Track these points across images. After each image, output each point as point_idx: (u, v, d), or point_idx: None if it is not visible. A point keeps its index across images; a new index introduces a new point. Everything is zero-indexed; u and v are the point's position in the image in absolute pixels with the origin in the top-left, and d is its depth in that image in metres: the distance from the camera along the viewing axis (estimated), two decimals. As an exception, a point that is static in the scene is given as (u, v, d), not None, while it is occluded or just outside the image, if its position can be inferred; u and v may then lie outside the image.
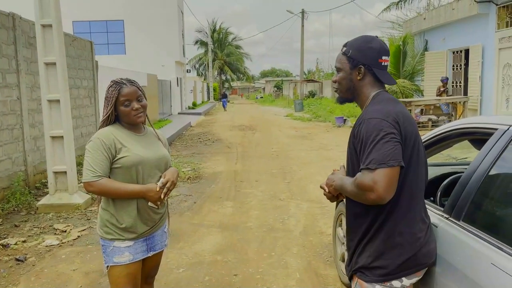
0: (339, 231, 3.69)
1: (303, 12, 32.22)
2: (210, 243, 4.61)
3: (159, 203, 2.25)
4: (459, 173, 2.78)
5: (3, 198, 6.00)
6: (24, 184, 6.60)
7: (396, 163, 1.63)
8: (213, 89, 49.99)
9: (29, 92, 7.01)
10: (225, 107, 32.78)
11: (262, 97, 57.35)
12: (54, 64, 5.79)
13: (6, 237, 4.77)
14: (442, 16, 14.13)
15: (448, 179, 2.69)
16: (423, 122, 11.65)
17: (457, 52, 13.99)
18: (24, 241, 4.67)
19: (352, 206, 1.88)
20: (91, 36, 20.80)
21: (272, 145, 12.21)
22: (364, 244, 1.83)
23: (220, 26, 56.18)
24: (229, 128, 17.62)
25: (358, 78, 1.89)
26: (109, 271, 2.28)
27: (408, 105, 11.13)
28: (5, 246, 4.50)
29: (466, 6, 12.40)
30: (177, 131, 14.89)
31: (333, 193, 1.98)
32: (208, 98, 48.89)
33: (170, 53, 25.75)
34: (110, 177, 2.21)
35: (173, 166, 2.46)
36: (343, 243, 3.52)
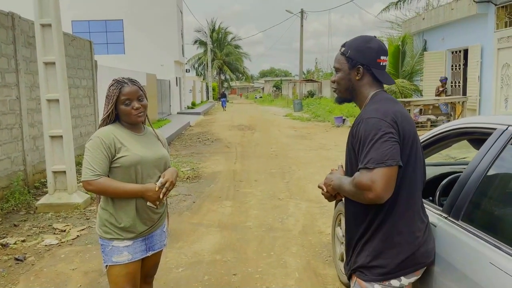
0: (338, 230, 3.69)
1: (302, 12, 32.25)
2: (209, 243, 4.61)
3: (158, 203, 2.26)
4: (458, 172, 2.78)
5: (2, 198, 6.00)
6: (23, 184, 6.60)
7: (394, 162, 1.64)
8: (212, 89, 50.02)
9: (28, 91, 7.01)
10: (224, 106, 32.82)
11: (261, 97, 57.33)
12: (53, 63, 5.79)
13: (5, 237, 4.77)
14: (441, 16, 14.14)
15: (447, 178, 2.70)
16: (422, 122, 11.67)
17: (456, 52, 14.01)
18: (23, 241, 4.67)
19: (351, 205, 1.89)
20: (90, 36, 20.82)
21: (271, 144, 12.22)
22: (363, 244, 1.84)
23: (219, 25, 56.22)
24: (228, 128, 17.62)
25: (357, 78, 1.89)
26: (108, 271, 2.28)
27: (407, 105, 11.14)
28: (4, 246, 4.50)
29: (465, 6, 12.41)
30: (176, 130, 14.88)
31: (331, 192, 1.98)
32: (207, 97, 48.89)
33: (169, 52, 25.73)
34: (109, 176, 2.21)
35: (172, 166, 2.46)
36: (342, 243, 3.52)
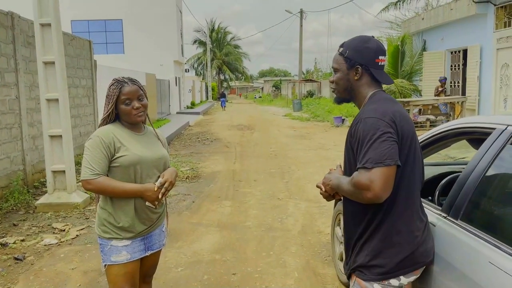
0: (337, 230, 3.70)
1: (301, 12, 32.27)
2: (208, 242, 4.62)
3: (156, 203, 2.25)
4: (457, 172, 2.79)
5: (2, 197, 5.99)
6: (23, 183, 6.59)
7: (392, 162, 1.64)
8: (212, 89, 49.99)
9: (27, 91, 7.00)
10: (223, 106, 32.88)
11: (260, 97, 57.32)
12: (53, 63, 5.79)
13: (4, 236, 4.77)
14: (440, 16, 14.15)
15: (446, 178, 2.71)
16: (421, 122, 11.68)
17: (455, 52, 14.02)
18: (23, 240, 4.67)
19: (350, 205, 1.90)
20: (89, 35, 20.80)
21: (271, 144, 12.22)
22: (362, 243, 1.84)
23: (218, 25, 56.18)
24: (227, 127, 17.62)
25: (356, 78, 1.90)
26: (107, 270, 2.28)
27: (406, 105, 11.15)
28: (4, 245, 4.50)
29: (464, 6, 12.42)
30: (175, 130, 14.89)
31: (329, 192, 1.98)
32: (207, 97, 48.87)
33: (168, 52, 25.72)
34: (109, 175, 2.21)
35: (171, 166, 2.46)
36: (341, 242, 3.53)
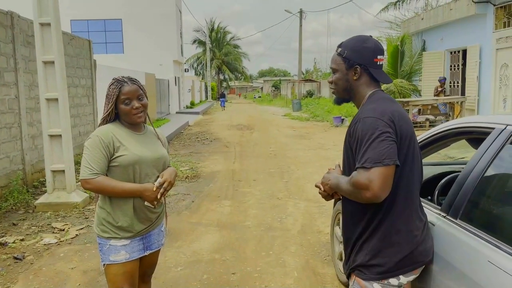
0: (337, 230, 3.70)
1: (301, 12, 32.28)
2: (208, 242, 4.62)
3: (155, 203, 2.25)
4: (456, 172, 2.79)
5: (1, 197, 5.99)
6: (22, 183, 6.59)
7: (391, 162, 1.64)
8: (211, 89, 49.96)
9: (27, 90, 7.00)
10: (223, 106, 32.95)
11: (260, 97, 57.30)
12: (53, 62, 5.78)
13: (4, 236, 4.77)
14: (440, 16, 14.16)
15: (446, 178, 2.71)
16: (420, 122, 11.68)
17: (454, 52, 14.03)
18: (22, 240, 4.67)
19: (349, 205, 1.90)
20: (89, 35, 20.84)
21: (270, 144, 12.22)
22: (362, 243, 1.85)
23: (218, 25, 56.17)
24: (227, 127, 17.62)
25: (355, 78, 1.90)
26: (105, 270, 2.28)
27: (405, 105, 11.16)
28: (3, 245, 4.50)
29: (464, 7, 12.43)
30: (175, 130, 14.89)
31: (328, 192, 1.99)
32: (206, 97, 48.85)
33: (168, 52, 25.71)
34: (108, 175, 2.21)
35: (171, 166, 2.46)
36: (341, 242, 3.53)
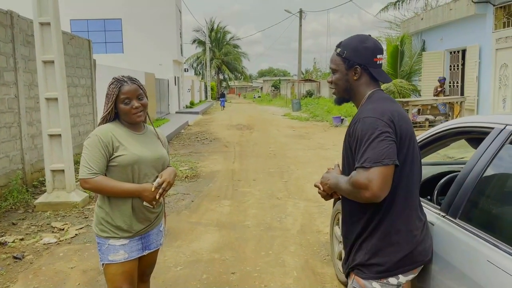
0: (336, 229, 3.70)
1: (301, 12, 32.27)
2: (207, 242, 4.62)
3: (154, 203, 2.24)
4: (455, 172, 2.80)
5: (1, 196, 5.99)
6: (22, 182, 6.59)
7: (390, 162, 1.64)
8: (211, 88, 49.95)
9: (27, 90, 7.00)
10: (223, 106, 33.01)
11: (259, 97, 57.29)
12: (52, 62, 5.78)
13: (3, 235, 4.77)
14: (439, 16, 14.17)
15: (445, 178, 2.71)
16: (420, 122, 11.69)
17: (454, 52, 14.04)
18: (22, 239, 4.67)
19: (348, 204, 1.90)
20: (88, 35, 20.82)
21: (270, 144, 12.22)
22: (361, 242, 1.85)
23: (218, 25, 56.17)
24: (226, 127, 17.62)
25: (355, 78, 1.90)
26: (104, 269, 2.28)
27: (405, 105, 11.16)
28: (3, 244, 4.50)
29: (463, 7, 12.43)
30: (174, 130, 14.89)
31: (327, 191, 1.99)
32: (206, 97, 48.84)
33: (168, 52, 25.72)
34: (107, 174, 2.21)
35: (171, 165, 2.46)
36: (340, 242, 3.53)
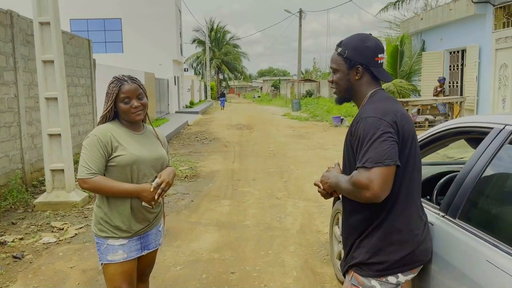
0: (336, 229, 3.71)
1: (300, 12, 32.26)
2: (207, 241, 4.62)
3: (153, 203, 2.24)
4: (455, 172, 2.80)
5: (0, 196, 5.99)
6: (21, 182, 6.59)
7: (392, 162, 1.64)
8: (211, 88, 49.94)
9: (26, 90, 7.00)
10: (223, 106, 33.04)
11: (259, 97, 57.26)
12: (52, 62, 5.78)
13: (3, 235, 4.77)
14: (439, 16, 14.17)
15: (444, 178, 2.71)
16: (420, 122, 11.71)
17: (454, 52, 14.04)
18: (21, 239, 4.67)
19: (349, 204, 1.90)
20: (88, 34, 20.78)
21: (270, 144, 12.22)
22: (360, 241, 1.85)
23: (217, 25, 56.14)
24: (226, 127, 17.62)
25: (356, 78, 1.88)
26: (103, 269, 2.28)
27: (405, 105, 11.17)
28: (2, 244, 4.50)
29: (463, 7, 12.44)
30: (174, 129, 14.89)
31: (327, 190, 1.99)
32: (206, 97, 48.83)
33: (167, 51, 25.72)
34: (106, 174, 2.20)
35: (170, 165, 2.46)
36: (340, 242, 3.53)
